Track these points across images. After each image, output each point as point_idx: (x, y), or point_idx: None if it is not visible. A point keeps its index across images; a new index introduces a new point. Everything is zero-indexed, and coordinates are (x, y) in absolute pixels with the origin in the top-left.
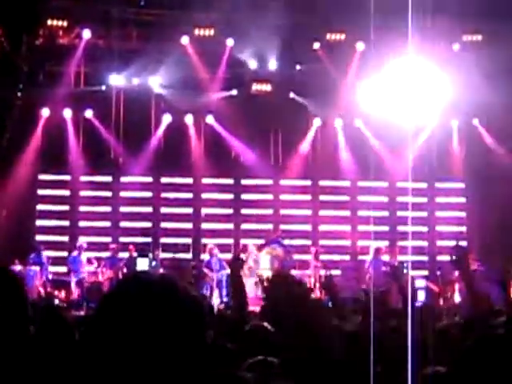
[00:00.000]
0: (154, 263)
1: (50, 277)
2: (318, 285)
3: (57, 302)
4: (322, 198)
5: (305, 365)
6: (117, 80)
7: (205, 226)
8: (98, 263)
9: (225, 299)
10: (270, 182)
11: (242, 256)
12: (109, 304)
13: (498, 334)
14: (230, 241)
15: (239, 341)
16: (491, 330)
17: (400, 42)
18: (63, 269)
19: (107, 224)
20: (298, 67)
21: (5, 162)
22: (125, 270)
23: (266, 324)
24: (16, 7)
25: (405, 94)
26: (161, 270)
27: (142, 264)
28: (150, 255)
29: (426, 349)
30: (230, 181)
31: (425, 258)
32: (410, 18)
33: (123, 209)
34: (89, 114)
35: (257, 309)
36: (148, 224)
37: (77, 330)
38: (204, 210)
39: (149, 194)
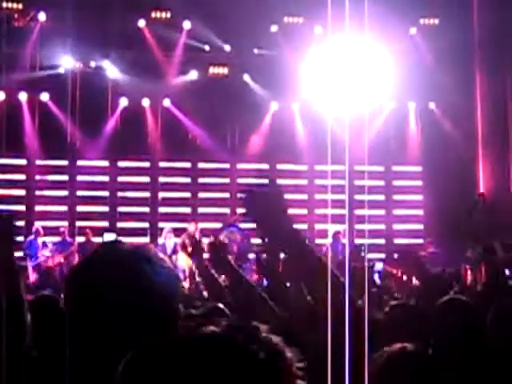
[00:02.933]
0: None
1: None
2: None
3: None
4: (280, 181)
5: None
6: (73, 63)
7: (162, 209)
8: (51, 247)
9: (183, 283)
10: (227, 165)
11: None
12: (82, 273)
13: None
14: (187, 225)
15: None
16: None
17: (357, 26)
18: (19, 254)
19: (64, 208)
20: (255, 51)
21: None
22: (76, 256)
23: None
24: None
25: (362, 77)
26: None
27: (109, 238)
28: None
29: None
30: (187, 164)
31: (382, 241)
32: (367, 1)
33: (80, 193)
34: (45, 97)
35: None
36: (105, 208)
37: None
38: (161, 194)
39: (105, 178)
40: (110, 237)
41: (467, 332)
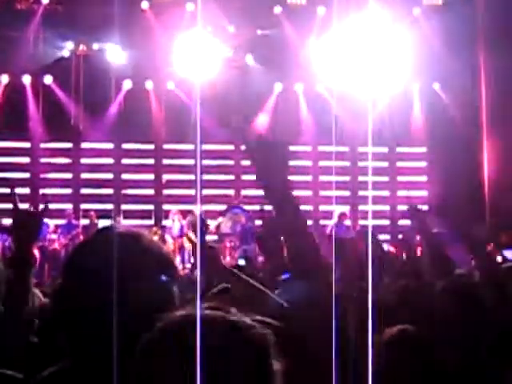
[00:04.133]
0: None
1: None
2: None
3: None
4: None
5: None
6: (76, 46)
7: (166, 191)
8: (56, 230)
9: (187, 265)
10: (231, 147)
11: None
12: (78, 255)
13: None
14: (192, 207)
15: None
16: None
17: (361, 6)
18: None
19: (68, 191)
20: (258, 31)
21: None
22: (81, 237)
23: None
24: None
25: (366, 59)
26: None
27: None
28: (112, 221)
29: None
30: (191, 146)
31: (386, 223)
32: None
33: (84, 175)
34: (48, 80)
35: None
36: (109, 191)
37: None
38: (165, 176)
39: (110, 161)
40: (105, 222)
41: (468, 316)
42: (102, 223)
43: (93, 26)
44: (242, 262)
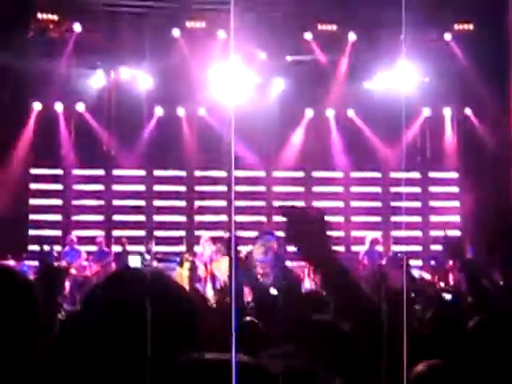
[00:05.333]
0: (147, 256)
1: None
2: (311, 276)
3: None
4: (315, 189)
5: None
6: (108, 73)
7: (198, 218)
8: (88, 257)
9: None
10: (262, 173)
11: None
12: (94, 297)
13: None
14: (223, 233)
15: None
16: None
17: (392, 32)
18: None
19: (100, 218)
20: (289, 58)
21: None
22: (113, 265)
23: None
24: (6, 2)
25: (397, 83)
26: (154, 264)
27: (134, 263)
28: (143, 249)
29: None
30: (223, 173)
31: (419, 248)
32: (404, 9)
33: (116, 202)
34: (80, 107)
35: None
36: (141, 217)
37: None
38: (197, 203)
39: (141, 188)
40: (135, 260)
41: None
42: (132, 256)
43: (124, 53)
44: (273, 292)
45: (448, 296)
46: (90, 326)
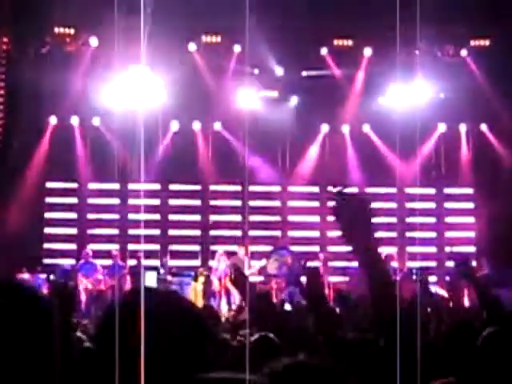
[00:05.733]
0: (161, 271)
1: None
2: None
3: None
4: (331, 204)
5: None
6: (124, 87)
7: (213, 232)
8: (103, 271)
9: (233, 306)
10: (277, 188)
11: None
12: (109, 320)
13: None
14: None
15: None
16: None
17: (408, 47)
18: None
19: (115, 231)
20: (305, 73)
21: (13, 170)
22: (128, 278)
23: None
24: (23, 16)
25: (412, 100)
26: (169, 278)
27: (150, 278)
28: (158, 263)
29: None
30: (238, 187)
31: (433, 264)
32: (418, 24)
33: (131, 216)
34: (96, 121)
35: None
36: (156, 231)
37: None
38: (212, 217)
39: (157, 202)
40: (150, 276)
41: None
42: (148, 271)
43: (140, 67)
44: (287, 307)
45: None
46: (106, 360)
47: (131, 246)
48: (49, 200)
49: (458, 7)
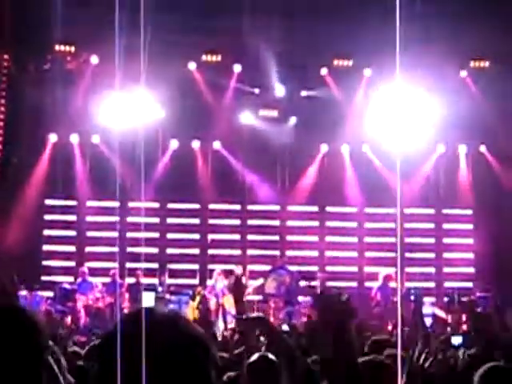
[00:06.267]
0: (160, 289)
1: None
2: None
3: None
4: (329, 224)
5: None
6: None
7: (212, 251)
8: (101, 289)
9: (229, 325)
10: (276, 207)
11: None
12: (109, 343)
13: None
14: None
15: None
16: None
17: (407, 69)
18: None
19: (114, 249)
20: (304, 93)
21: (12, 187)
22: (127, 296)
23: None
24: (24, 33)
25: (412, 120)
26: (167, 296)
27: (148, 298)
28: (157, 282)
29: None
30: (237, 206)
31: (432, 285)
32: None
33: (130, 234)
34: (96, 139)
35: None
36: (155, 250)
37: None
38: (211, 236)
39: (155, 220)
40: (148, 297)
41: None
42: (147, 292)
43: (140, 86)
44: (285, 328)
45: (458, 339)
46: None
47: (129, 264)
48: (48, 217)
49: (458, 28)
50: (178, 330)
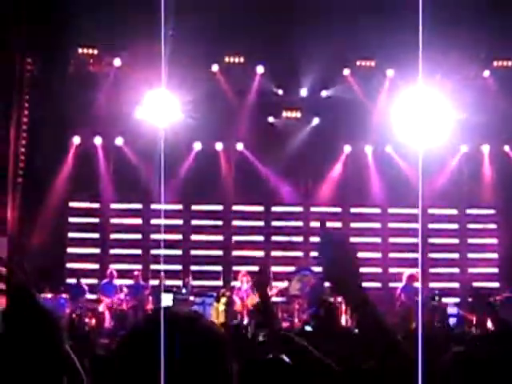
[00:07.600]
0: (184, 290)
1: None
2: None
3: (87, 329)
4: (353, 225)
5: None
6: (147, 107)
7: (235, 253)
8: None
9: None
10: (300, 209)
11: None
12: (128, 343)
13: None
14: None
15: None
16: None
17: (431, 68)
18: (94, 296)
19: (138, 251)
20: (327, 94)
21: (36, 190)
22: (150, 298)
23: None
24: (46, 37)
25: (435, 121)
26: (191, 298)
27: (167, 299)
28: (181, 284)
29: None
30: (261, 208)
31: (456, 285)
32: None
33: (153, 236)
34: (119, 141)
35: None
36: (178, 251)
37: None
38: (234, 237)
39: (179, 222)
40: (167, 298)
41: None
42: (166, 293)
43: (163, 88)
44: (308, 328)
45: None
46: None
47: (153, 266)
48: (72, 220)
49: (481, 28)
50: (196, 329)
